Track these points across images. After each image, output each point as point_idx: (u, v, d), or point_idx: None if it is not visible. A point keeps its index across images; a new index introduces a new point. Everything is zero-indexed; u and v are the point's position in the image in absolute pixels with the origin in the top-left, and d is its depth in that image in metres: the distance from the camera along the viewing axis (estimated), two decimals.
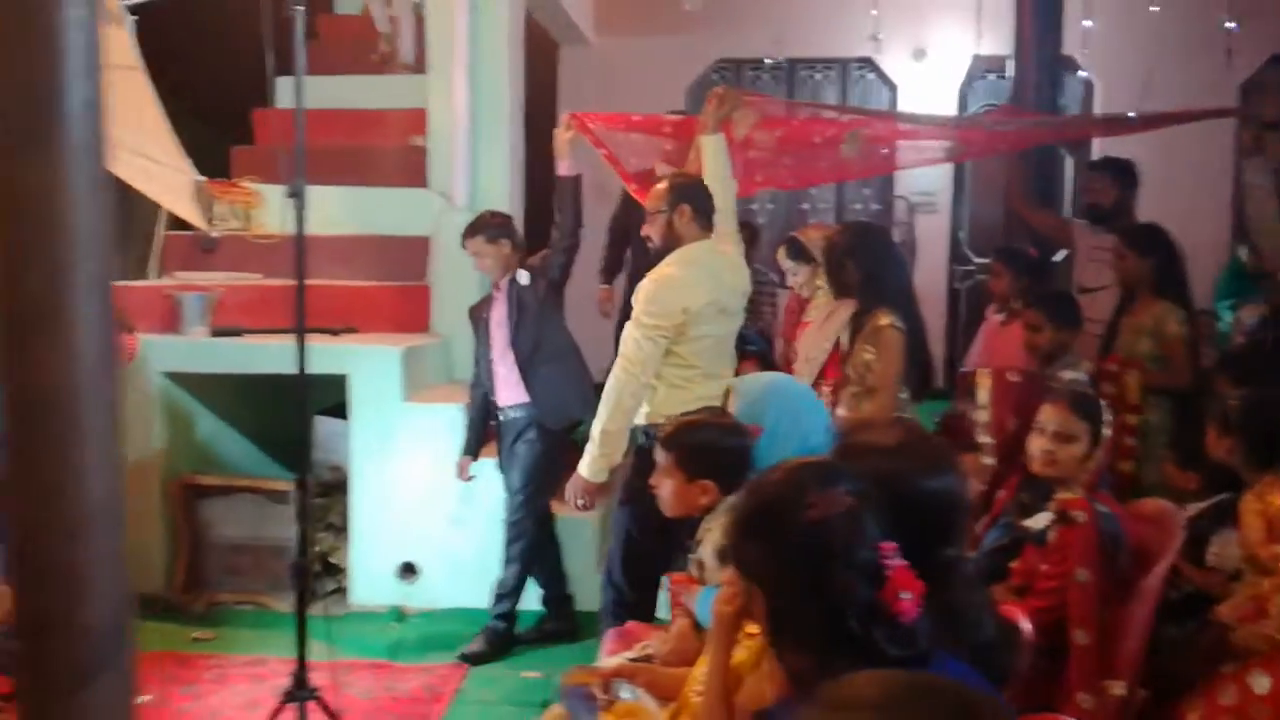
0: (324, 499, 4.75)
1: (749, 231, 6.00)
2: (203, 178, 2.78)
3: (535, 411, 4.10)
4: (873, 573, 1.35)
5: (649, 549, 3.26)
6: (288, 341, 3.08)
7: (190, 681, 3.91)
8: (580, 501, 3.35)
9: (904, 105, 7.47)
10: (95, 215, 0.47)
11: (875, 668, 1.13)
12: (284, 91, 5.08)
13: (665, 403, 3.28)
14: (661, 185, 3.48)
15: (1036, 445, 2.66)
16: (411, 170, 5.27)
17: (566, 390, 4.13)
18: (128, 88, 1.99)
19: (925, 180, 7.48)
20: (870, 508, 1.41)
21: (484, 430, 4.30)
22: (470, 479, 4.36)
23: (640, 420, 3.34)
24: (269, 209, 4.99)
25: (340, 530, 4.73)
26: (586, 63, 7.72)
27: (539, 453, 4.10)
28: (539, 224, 4.60)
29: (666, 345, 3.28)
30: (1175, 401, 3.92)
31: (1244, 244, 5.48)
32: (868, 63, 7.71)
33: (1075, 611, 2.44)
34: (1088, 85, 7.46)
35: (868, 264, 3.41)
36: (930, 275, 7.48)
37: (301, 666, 2.74)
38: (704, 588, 2.26)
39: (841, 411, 3.34)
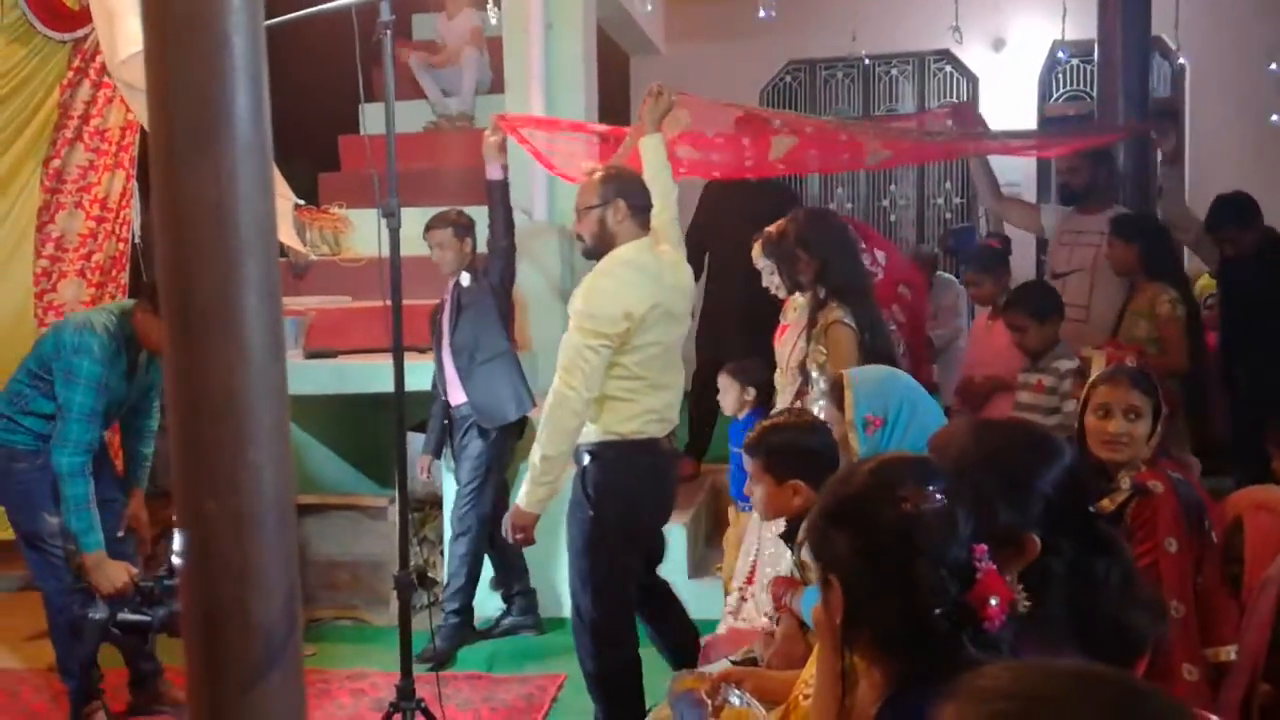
0: (418, 514, 4.83)
1: None
2: (301, 201, 2.87)
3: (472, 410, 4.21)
4: (963, 573, 1.32)
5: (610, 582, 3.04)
6: (377, 361, 3.14)
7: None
8: (518, 536, 3.00)
9: (985, 96, 7.33)
10: (262, 216, 0.48)
11: (954, 669, 1.08)
12: (370, 117, 5.27)
13: (610, 419, 2.99)
14: (595, 176, 3.10)
15: (1109, 428, 2.51)
16: None
17: (501, 390, 4.18)
18: None
19: (1010, 170, 7.30)
20: (964, 506, 1.37)
21: (444, 430, 4.41)
22: (428, 478, 4.53)
23: (584, 439, 3.02)
24: (356, 233, 5.12)
25: (435, 544, 4.80)
26: (657, 72, 7.72)
27: (482, 449, 4.19)
28: None
29: (609, 355, 2.91)
30: (1178, 385, 3.83)
31: None
32: (946, 55, 7.59)
33: (1169, 582, 2.34)
34: (1179, 68, 7.23)
35: (821, 253, 3.18)
36: (1022, 267, 7.30)
37: (406, 678, 2.77)
38: (808, 588, 2.23)
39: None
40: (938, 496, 1.35)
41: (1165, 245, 4.17)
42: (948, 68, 7.67)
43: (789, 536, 2.38)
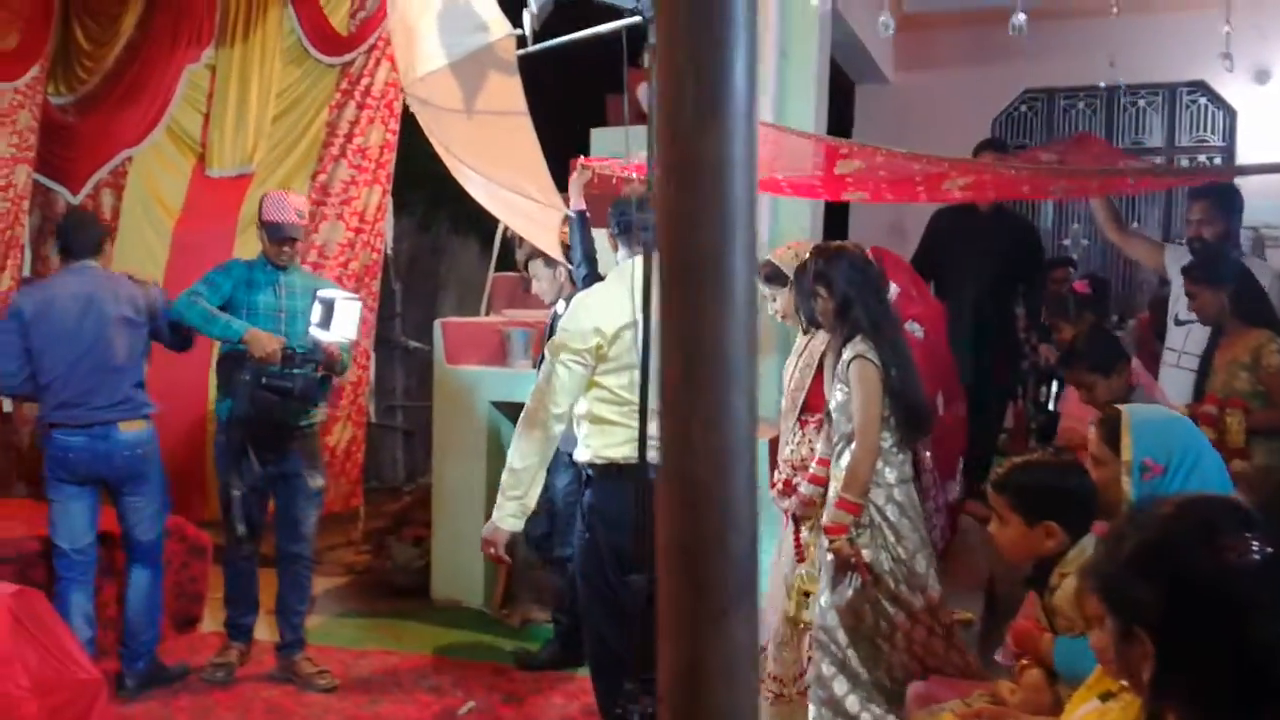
0: None
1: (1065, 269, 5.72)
2: (572, 214, 3.03)
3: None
4: None
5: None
6: None
7: (509, 691, 4.15)
8: (489, 551, 2.98)
9: (1243, 131, 6.83)
10: (750, 182, 0.52)
11: None
12: (598, 141, 5.51)
13: (600, 443, 2.94)
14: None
15: None
16: None
17: None
18: (517, 132, 2.19)
19: (1271, 210, 6.77)
20: None
21: None
22: None
23: (582, 459, 3.01)
24: None
25: None
26: (884, 101, 7.65)
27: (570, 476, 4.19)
28: None
29: (584, 374, 2.87)
30: None
31: None
32: (1200, 86, 7.12)
33: None
34: None
35: (841, 292, 3.09)
36: None
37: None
38: (1059, 637, 2.13)
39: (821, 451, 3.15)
40: (1264, 542, 1.26)
41: (1256, 288, 3.85)
42: (1202, 99, 7.20)
43: (1038, 581, 2.28)
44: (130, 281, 4.03)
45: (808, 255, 3.31)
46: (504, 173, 2.29)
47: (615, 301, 2.88)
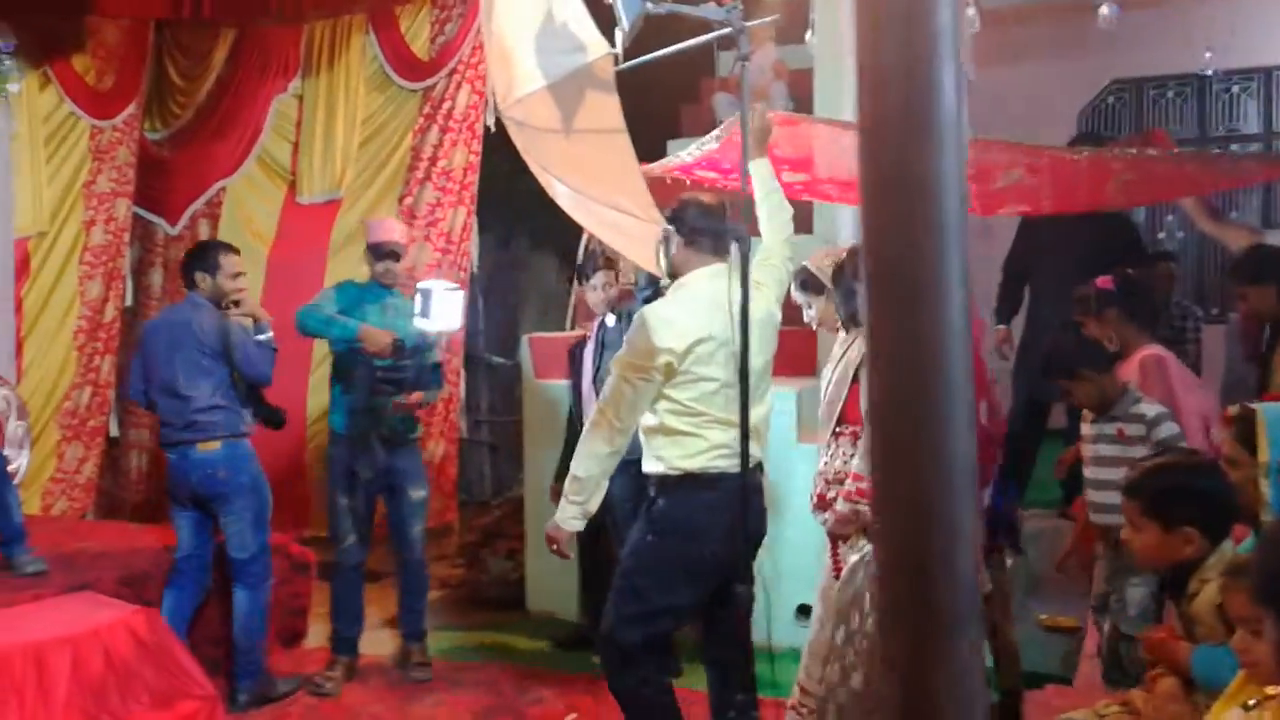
0: None
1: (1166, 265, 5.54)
2: (671, 228, 3.03)
3: None
4: None
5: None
6: None
7: (613, 703, 4.15)
8: (552, 548, 3.05)
9: None
10: (961, 195, 0.51)
11: None
12: (674, 152, 5.49)
13: (674, 454, 2.93)
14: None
15: None
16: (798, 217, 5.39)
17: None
18: (615, 149, 2.21)
19: None
20: None
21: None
22: None
23: (653, 469, 3.00)
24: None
25: None
26: (967, 97, 7.51)
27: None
28: None
29: (651, 389, 2.86)
30: None
31: None
32: None
33: None
34: None
35: None
36: None
37: (748, 698, 2.81)
38: (1199, 646, 2.06)
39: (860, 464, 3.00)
40: None
41: None
42: None
43: (1175, 588, 2.20)
44: (212, 312, 4.15)
45: (844, 257, 3.24)
46: (601, 189, 2.30)
47: (689, 316, 2.87)
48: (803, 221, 3.70)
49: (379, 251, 4.42)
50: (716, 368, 2.86)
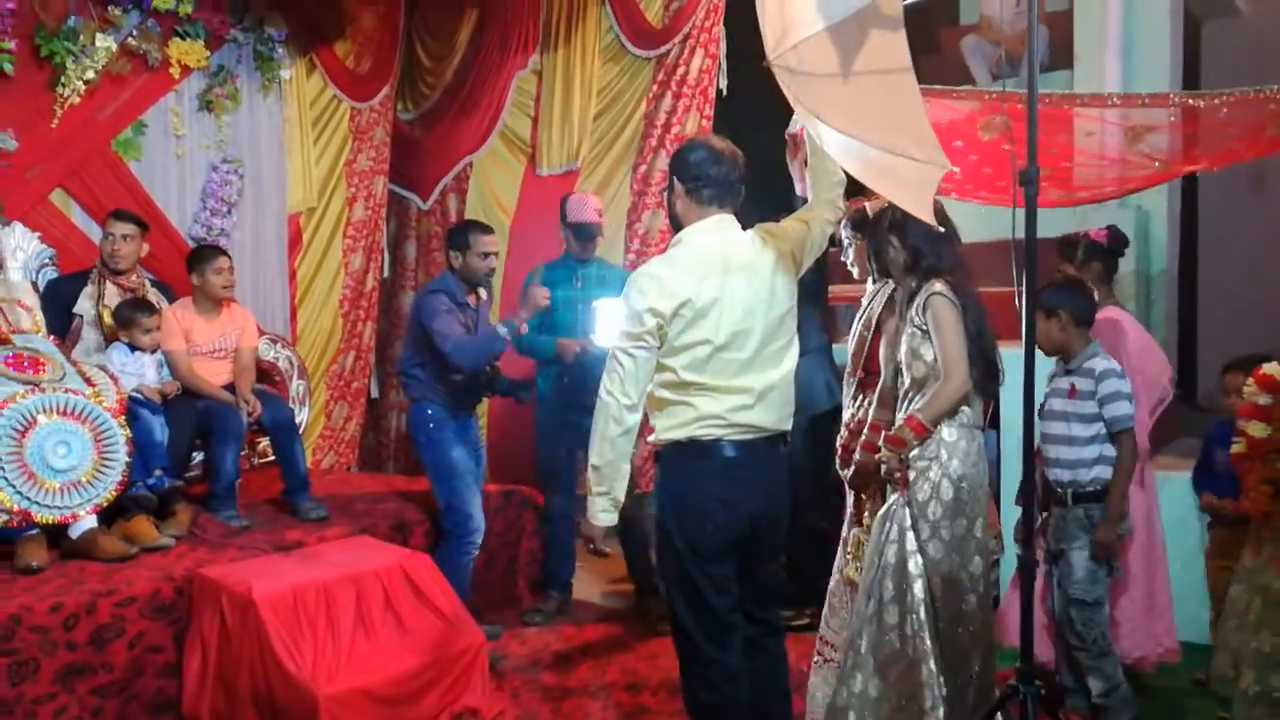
0: None
1: None
2: (957, 170, 2.93)
3: None
4: None
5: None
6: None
7: None
8: (589, 547, 2.83)
9: None
10: None
11: None
12: None
13: (664, 423, 2.71)
14: None
15: None
16: None
17: (817, 381, 4.37)
18: (898, 90, 2.14)
19: None
20: None
21: None
22: None
23: (653, 439, 2.78)
24: None
25: None
26: (1235, 36, 6.82)
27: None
28: None
29: (649, 357, 2.63)
30: None
31: None
32: None
33: None
34: None
35: (917, 241, 2.93)
36: None
37: (1026, 661, 2.68)
38: None
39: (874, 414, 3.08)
40: None
41: None
42: None
43: None
44: (433, 293, 4.39)
45: (882, 208, 3.15)
46: (879, 133, 2.23)
47: (680, 274, 2.64)
48: None
49: (581, 232, 4.66)
50: (708, 329, 2.63)
